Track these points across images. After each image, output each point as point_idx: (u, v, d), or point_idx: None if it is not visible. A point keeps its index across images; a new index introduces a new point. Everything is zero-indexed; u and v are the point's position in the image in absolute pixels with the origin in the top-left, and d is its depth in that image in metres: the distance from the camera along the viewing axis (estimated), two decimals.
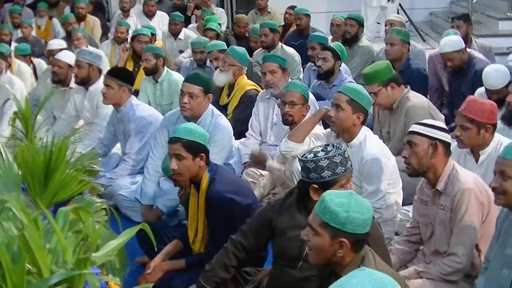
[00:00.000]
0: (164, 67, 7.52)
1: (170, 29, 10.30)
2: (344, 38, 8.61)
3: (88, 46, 8.78)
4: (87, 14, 11.47)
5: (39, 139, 3.90)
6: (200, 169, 4.22)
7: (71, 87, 7.22)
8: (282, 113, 5.45)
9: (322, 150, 3.50)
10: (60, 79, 7.25)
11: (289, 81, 5.78)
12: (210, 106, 5.65)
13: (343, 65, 7.43)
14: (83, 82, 6.84)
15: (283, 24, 10.80)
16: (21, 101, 4.18)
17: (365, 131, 4.70)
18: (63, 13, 12.01)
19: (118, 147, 6.47)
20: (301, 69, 8.55)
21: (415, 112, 5.50)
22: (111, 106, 6.23)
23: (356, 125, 4.64)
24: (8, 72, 7.83)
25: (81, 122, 7.03)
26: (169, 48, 10.01)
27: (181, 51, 10.07)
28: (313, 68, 7.85)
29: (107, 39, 10.82)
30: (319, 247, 2.82)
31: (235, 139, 6.10)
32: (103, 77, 6.61)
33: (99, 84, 6.62)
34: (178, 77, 7.51)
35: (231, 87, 7.04)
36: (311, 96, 6.24)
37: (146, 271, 4.29)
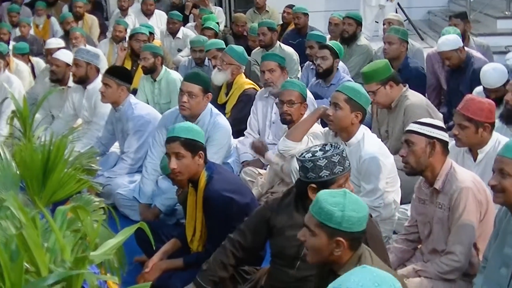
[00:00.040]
0: (163, 66, 7.51)
1: (169, 28, 10.29)
2: (342, 37, 8.61)
3: (86, 45, 8.78)
4: (85, 13, 11.47)
5: (37, 138, 3.90)
6: (198, 167, 4.22)
7: (69, 86, 7.21)
8: (280, 112, 5.44)
9: (320, 150, 3.49)
10: (58, 78, 7.25)
11: (286, 80, 5.75)
12: (209, 105, 5.64)
13: (341, 64, 7.43)
14: (81, 81, 6.83)
15: (281, 23, 10.78)
16: (19, 100, 4.17)
17: (363, 129, 4.70)
18: (61, 12, 12.00)
19: (116, 146, 6.47)
20: (299, 68, 8.55)
21: (413, 110, 5.50)
22: (109, 105, 6.22)
23: (354, 124, 4.64)
24: (6, 71, 7.83)
25: (79, 121, 7.03)
26: (168, 47, 10.01)
27: (179, 50, 10.07)
28: (311, 67, 7.84)
29: (105, 38, 10.81)
30: (316, 247, 2.82)
31: (233, 138, 6.09)
32: (101, 76, 6.62)
33: (97, 83, 6.62)
34: (176, 76, 7.51)
35: (229, 86, 7.03)
36: (310, 95, 6.24)
37: (144, 270, 4.29)
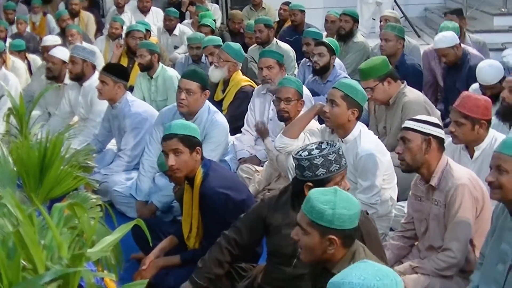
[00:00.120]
0: (159, 63, 7.51)
1: (165, 25, 10.28)
2: (339, 34, 8.60)
3: (82, 42, 8.78)
4: (80, 10, 11.45)
5: (34, 135, 3.90)
6: (196, 163, 4.23)
7: (65, 83, 7.21)
8: (277, 109, 5.43)
9: (316, 148, 3.49)
10: (54, 75, 7.25)
11: (283, 77, 5.74)
12: (207, 102, 5.63)
13: (337, 61, 7.43)
14: (77, 78, 6.83)
15: (278, 20, 10.78)
16: (15, 97, 4.17)
17: (360, 126, 4.70)
18: (57, 9, 11.98)
19: (113, 143, 6.47)
20: (296, 65, 8.55)
21: (411, 107, 5.50)
22: (105, 102, 6.22)
23: (351, 121, 4.64)
24: (3, 68, 7.83)
25: (75, 118, 7.02)
26: (164, 44, 10.00)
27: (176, 47, 10.06)
28: (307, 64, 7.84)
29: (102, 35, 10.80)
30: (309, 245, 2.83)
31: (230, 135, 6.08)
32: (97, 73, 6.61)
33: (93, 80, 6.62)
34: (173, 73, 7.50)
35: (226, 83, 7.03)
36: (307, 92, 6.24)
37: (141, 267, 4.29)
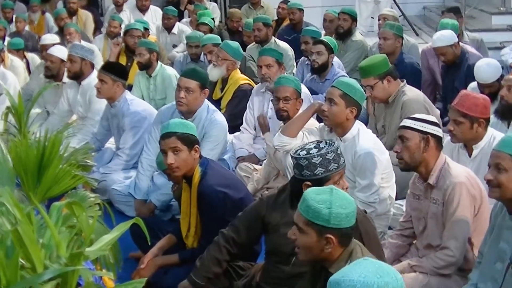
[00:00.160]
0: (158, 61, 7.51)
1: (164, 23, 10.27)
2: (337, 33, 8.60)
3: (80, 40, 8.76)
4: (78, 9, 11.44)
5: (32, 133, 3.90)
6: (194, 162, 4.23)
7: (63, 81, 7.21)
8: (276, 109, 5.42)
9: (315, 147, 3.49)
10: (52, 73, 7.24)
11: (280, 76, 5.72)
12: (206, 101, 5.63)
13: (336, 59, 7.43)
14: (76, 77, 6.83)
15: (276, 18, 10.78)
16: (14, 96, 4.17)
17: (358, 125, 4.70)
18: (55, 8, 11.96)
19: (111, 141, 6.47)
20: (295, 64, 8.55)
21: (411, 106, 5.49)
22: (104, 101, 6.21)
23: (349, 120, 4.63)
24: (1, 67, 7.82)
25: (74, 117, 7.02)
26: (163, 42, 9.99)
27: (174, 46, 10.05)
28: (306, 63, 7.84)
29: (100, 33, 10.79)
30: (306, 245, 2.84)
31: (229, 133, 6.08)
32: (95, 71, 6.61)
33: (91, 78, 6.62)
34: (171, 71, 7.50)
35: (225, 81, 7.03)
36: (306, 91, 6.24)
37: (139, 266, 4.29)
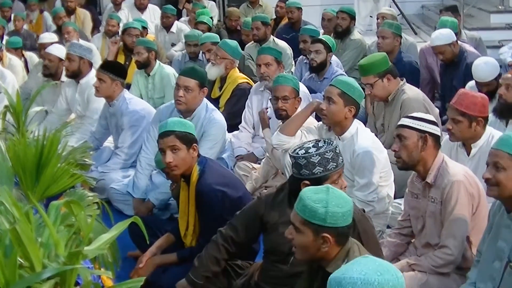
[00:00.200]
0: (156, 60, 7.50)
1: (162, 22, 10.27)
2: (336, 31, 8.60)
3: (79, 39, 8.76)
4: (76, 8, 11.43)
5: (31, 132, 3.89)
6: (193, 160, 4.23)
7: (62, 80, 7.20)
8: (275, 108, 5.41)
9: (313, 146, 3.49)
10: (50, 72, 7.24)
11: (278, 75, 5.68)
12: (205, 100, 5.62)
13: (334, 58, 7.43)
14: (74, 75, 6.82)
15: (275, 17, 10.77)
16: (12, 95, 4.17)
17: (356, 124, 4.70)
18: (53, 7, 11.95)
19: (109, 140, 6.46)
20: (293, 63, 8.54)
21: (410, 104, 5.50)
22: (102, 99, 6.21)
23: (347, 118, 4.63)
24: (0, 66, 7.81)
25: (72, 116, 7.02)
26: (162, 41, 9.99)
27: (173, 44, 10.05)
28: (304, 61, 7.84)
29: (99, 32, 10.79)
30: (303, 244, 2.84)
31: (227, 132, 6.08)
32: (94, 70, 6.61)
33: (90, 77, 6.62)
34: (170, 70, 7.50)
35: (223, 80, 7.03)
36: (305, 89, 6.24)
37: (138, 265, 4.29)
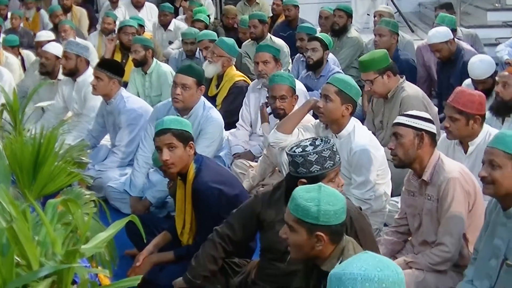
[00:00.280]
0: (153, 58, 7.50)
1: (160, 20, 10.26)
2: (332, 29, 8.60)
3: (75, 37, 8.75)
4: (73, 6, 11.41)
5: (28, 131, 3.89)
6: (189, 158, 4.23)
7: (59, 79, 7.19)
8: (273, 108, 5.41)
9: (310, 144, 3.48)
10: (47, 70, 7.23)
11: (274, 74, 5.65)
12: (202, 98, 5.62)
13: (331, 56, 7.43)
14: (71, 74, 6.81)
15: (271, 15, 10.77)
16: (9, 93, 4.16)
17: (353, 122, 4.70)
18: (50, 5, 11.94)
19: (106, 138, 6.46)
20: (290, 61, 8.54)
21: (409, 102, 5.50)
22: (99, 97, 6.20)
23: (344, 116, 4.64)
24: None
25: (69, 114, 7.01)
26: (159, 39, 9.99)
27: (171, 42, 10.04)
28: (301, 59, 7.84)
29: (95, 30, 10.78)
30: (297, 243, 2.84)
31: (224, 130, 6.07)
32: (91, 68, 6.60)
33: (87, 75, 6.61)
34: (167, 68, 7.49)
35: (220, 78, 7.03)
36: (302, 87, 6.23)
37: (135, 264, 4.28)
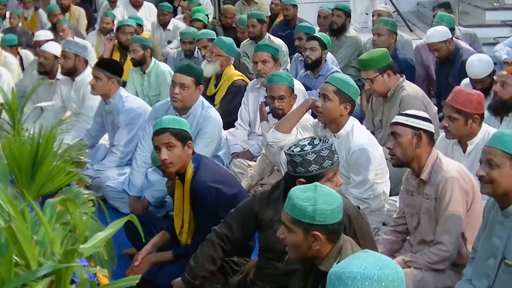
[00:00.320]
0: (152, 58, 7.49)
1: (159, 19, 10.25)
2: (331, 29, 8.59)
3: (74, 37, 8.74)
4: (71, 5, 11.40)
5: (26, 130, 3.89)
6: (188, 157, 4.23)
7: (57, 78, 7.19)
8: (271, 108, 5.40)
9: (309, 144, 3.48)
10: (46, 70, 7.23)
11: (272, 74, 5.64)
12: (201, 97, 5.61)
13: (329, 55, 7.43)
14: (70, 73, 6.81)
15: (270, 14, 10.76)
16: (8, 93, 4.16)
17: (352, 121, 4.70)
18: (49, 4, 11.93)
19: (105, 138, 6.45)
20: (288, 60, 8.54)
21: (409, 101, 5.50)
22: (98, 97, 6.20)
23: (343, 116, 4.63)
24: None
25: (68, 113, 7.01)
26: (158, 39, 9.98)
27: (170, 42, 10.04)
28: (300, 59, 7.83)
29: (94, 30, 10.77)
30: (294, 243, 2.85)
31: (223, 129, 6.07)
32: (89, 68, 6.59)
33: (85, 74, 6.61)
34: (165, 68, 7.49)
35: (219, 77, 7.03)
36: (301, 86, 6.23)
37: (133, 263, 4.28)
